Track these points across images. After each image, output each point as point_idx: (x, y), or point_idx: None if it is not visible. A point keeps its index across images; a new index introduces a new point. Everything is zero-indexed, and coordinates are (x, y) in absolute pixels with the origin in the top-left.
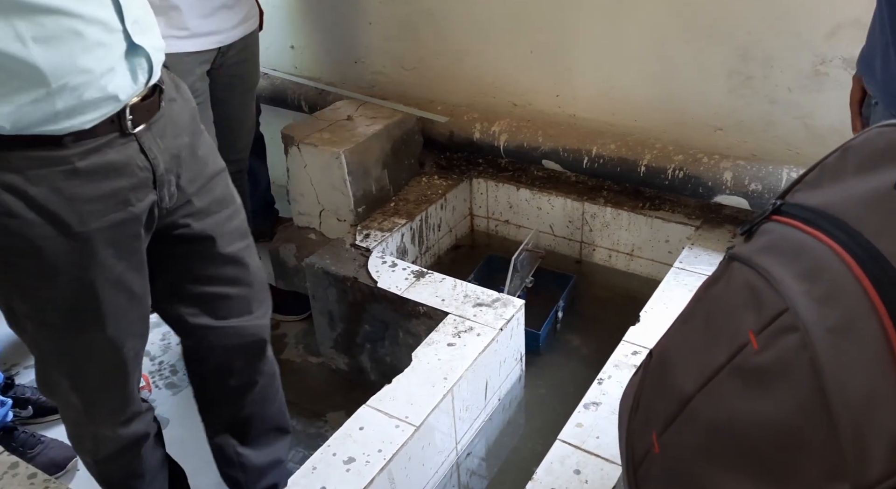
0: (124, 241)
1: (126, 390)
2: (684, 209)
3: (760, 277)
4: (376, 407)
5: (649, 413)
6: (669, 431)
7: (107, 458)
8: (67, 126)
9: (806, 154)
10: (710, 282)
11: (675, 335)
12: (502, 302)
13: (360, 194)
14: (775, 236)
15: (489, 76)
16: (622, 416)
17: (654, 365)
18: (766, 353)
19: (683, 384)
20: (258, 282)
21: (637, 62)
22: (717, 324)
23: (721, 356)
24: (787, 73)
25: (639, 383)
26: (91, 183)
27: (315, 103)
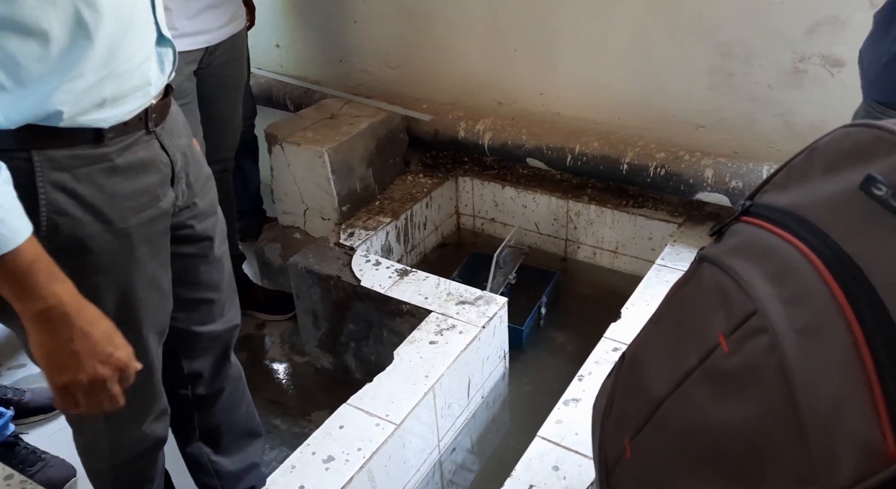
0: (156, 237)
1: (155, 388)
2: (667, 207)
3: (730, 278)
4: (357, 405)
5: (621, 417)
6: (641, 436)
7: (125, 462)
8: (112, 116)
9: (786, 151)
10: (680, 283)
11: (646, 337)
12: (485, 299)
13: (345, 193)
14: (744, 237)
15: (474, 74)
16: (595, 420)
17: (625, 367)
18: (736, 357)
19: (654, 388)
20: (232, 286)
21: (620, 60)
22: (687, 326)
23: (691, 359)
24: (768, 70)
25: (611, 386)
26: (128, 179)
27: (300, 102)
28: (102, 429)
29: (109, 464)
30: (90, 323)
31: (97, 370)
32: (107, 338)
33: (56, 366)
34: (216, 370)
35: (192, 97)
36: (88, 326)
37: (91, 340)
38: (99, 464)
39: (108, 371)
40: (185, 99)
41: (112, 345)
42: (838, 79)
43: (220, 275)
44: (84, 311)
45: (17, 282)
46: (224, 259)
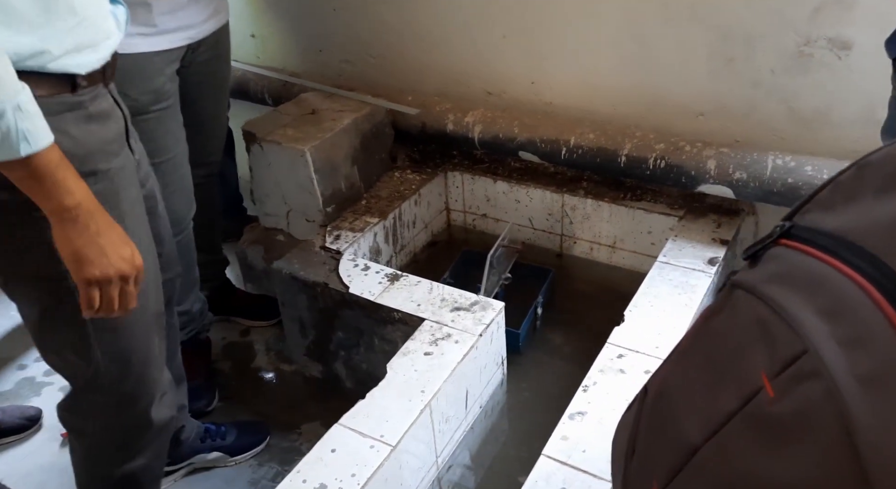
0: (133, 185)
1: (156, 358)
2: (667, 199)
3: (772, 312)
4: (349, 426)
5: (648, 459)
6: (675, 485)
7: (136, 454)
8: (87, 62)
9: (790, 139)
10: (710, 312)
11: (673, 371)
12: (481, 305)
13: (329, 193)
14: (787, 264)
15: (461, 63)
16: (616, 460)
17: (651, 403)
18: (784, 403)
19: (687, 432)
20: (172, 240)
21: (614, 46)
22: (721, 363)
23: (730, 402)
24: (770, 55)
25: (633, 423)
26: (100, 126)
27: (279, 95)
28: (113, 421)
29: (118, 463)
30: (110, 223)
31: (121, 266)
32: (125, 239)
33: (86, 260)
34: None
35: (175, 99)
36: (110, 226)
37: (113, 237)
38: (105, 468)
39: (129, 268)
40: (167, 101)
41: (130, 246)
42: (846, 62)
43: (164, 229)
44: (104, 213)
45: (49, 177)
46: (164, 214)
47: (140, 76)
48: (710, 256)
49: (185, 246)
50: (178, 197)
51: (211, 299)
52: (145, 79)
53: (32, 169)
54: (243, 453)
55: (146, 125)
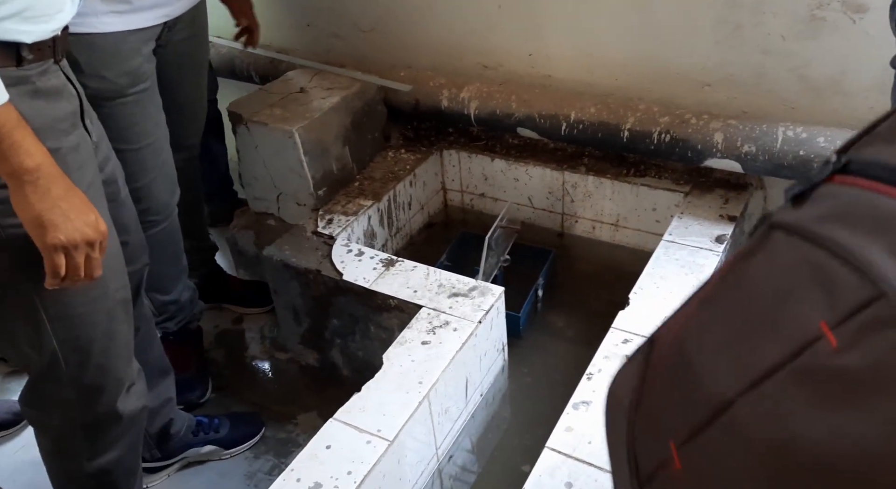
0: (87, 165)
1: (122, 348)
2: (672, 174)
3: (830, 254)
4: (345, 420)
5: (660, 416)
6: (697, 444)
7: (106, 448)
8: (32, 31)
9: (801, 108)
10: (740, 257)
11: (692, 321)
12: (480, 290)
13: (320, 176)
14: (846, 202)
15: (455, 36)
16: (616, 419)
17: (664, 357)
18: (853, 354)
19: (716, 386)
20: (139, 228)
21: (615, 14)
22: (759, 312)
23: (773, 353)
24: (781, 20)
25: (638, 376)
26: (49, 103)
27: (266, 73)
28: (75, 414)
29: (87, 458)
30: (71, 187)
31: (86, 231)
32: (88, 204)
33: (50, 224)
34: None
35: (153, 80)
36: (71, 190)
37: (76, 201)
38: (73, 464)
39: (93, 233)
40: (145, 83)
41: (93, 211)
42: (860, 26)
43: (129, 218)
44: (65, 177)
45: (6, 138)
46: (128, 202)
47: (115, 57)
48: (718, 234)
49: (170, 233)
50: (160, 183)
51: (201, 287)
52: (121, 59)
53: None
54: (238, 446)
55: (124, 109)
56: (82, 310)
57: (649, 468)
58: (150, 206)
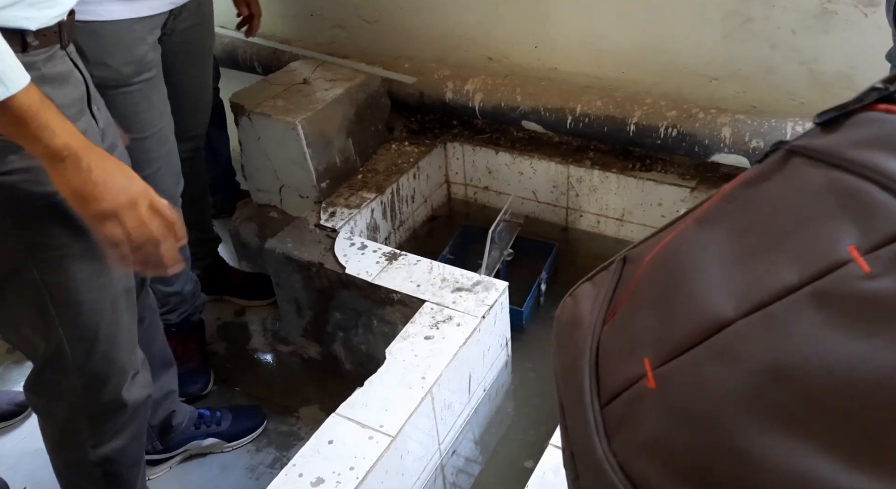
0: None
1: (126, 337)
2: (678, 169)
3: (864, 179)
4: (347, 415)
5: (636, 334)
6: (679, 364)
7: (110, 437)
8: (37, 16)
9: (810, 104)
10: (751, 179)
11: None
12: (483, 285)
13: (323, 168)
14: (887, 129)
15: (460, 28)
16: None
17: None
18: (885, 280)
19: (713, 305)
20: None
21: (623, 7)
22: (772, 234)
23: (788, 275)
24: (791, 13)
25: (608, 294)
26: (56, 89)
27: (269, 64)
28: (79, 401)
29: (91, 446)
30: (105, 157)
31: (131, 189)
32: (123, 167)
33: (90, 196)
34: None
35: (158, 69)
36: (104, 159)
37: (109, 168)
38: (77, 453)
39: (138, 189)
40: (150, 72)
41: (128, 172)
42: (872, 20)
43: None
44: (95, 148)
45: (33, 120)
46: None
47: (121, 45)
48: None
49: None
50: (165, 173)
51: (204, 278)
52: (126, 48)
53: (13, 113)
54: (240, 439)
55: (129, 98)
56: (87, 297)
57: (615, 385)
58: None
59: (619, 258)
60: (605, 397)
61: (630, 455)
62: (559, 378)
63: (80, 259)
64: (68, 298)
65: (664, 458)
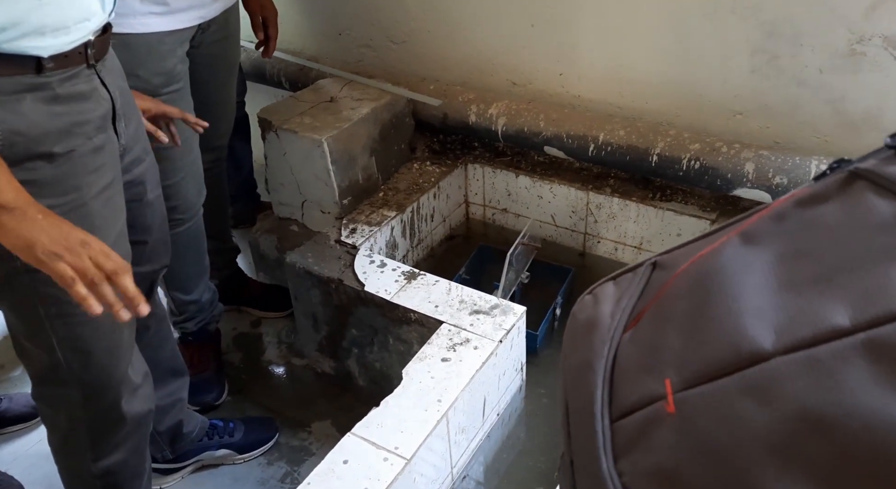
0: (104, 169)
1: (125, 349)
2: (698, 200)
3: None
4: (362, 436)
5: (661, 350)
6: (705, 392)
7: (111, 449)
8: (52, 45)
9: (835, 142)
10: (806, 198)
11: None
12: (501, 309)
13: (346, 185)
14: None
15: (486, 52)
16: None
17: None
18: None
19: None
20: (164, 230)
21: (649, 38)
22: (827, 265)
23: (841, 316)
24: (819, 53)
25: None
26: (69, 107)
27: (296, 80)
28: (80, 414)
29: (92, 459)
30: (46, 212)
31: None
32: (63, 221)
33: (32, 241)
34: None
35: (186, 81)
36: (47, 213)
37: (54, 220)
38: (79, 464)
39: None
40: (178, 83)
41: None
42: None
43: (153, 218)
44: (37, 205)
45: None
46: (157, 203)
47: (151, 57)
48: None
49: (195, 233)
50: (188, 183)
51: (222, 288)
52: (157, 59)
53: None
54: (252, 451)
55: None
56: (80, 309)
57: (630, 402)
58: (177, 205)
59: (649, 262)
60: (616, 412)
61: (637, 479)
62: (568, 378)
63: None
64: (62, 311)
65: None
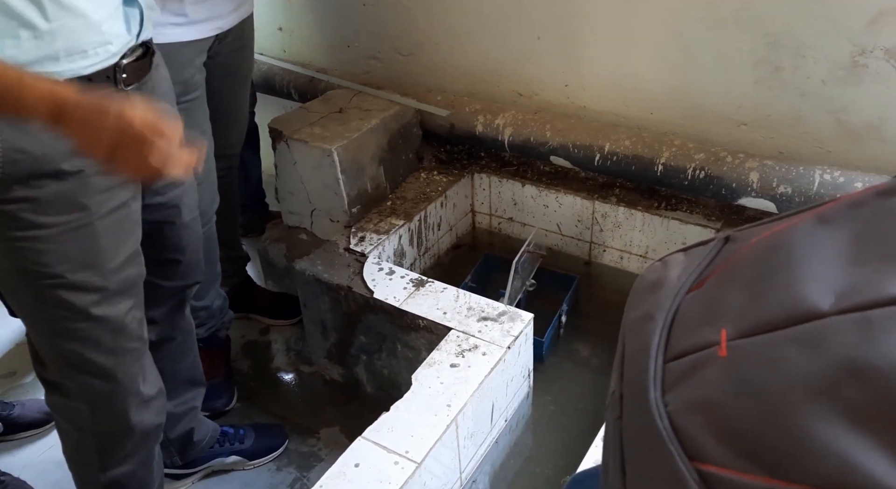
0: (123, 190)
1: (129, 366)
2: (703, 209)
3: None
4: (373, 440)
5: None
6: (758, 340)
7: (118, 462)
8: (68, 69)
9: (838, 153)
10: (886, 190)
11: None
12: (509, 315)
13: (355, 194)
14: None
15: (492, 64)
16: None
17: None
18: None
19: (810, 296)
20: (198, 249)
21: (654, 50)
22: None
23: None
24: (821, 64)
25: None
26: None
27: (305, 91)
28: (88, 425)
29: (99, 469)
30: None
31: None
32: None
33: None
34: (170, 319)
35: (202, 90)
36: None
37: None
38: (88, 472)
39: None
40: (195, 92)
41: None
42: None
43: (188, 239)
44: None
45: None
46: (193, 224)
47: (170, 66)
48: None
49: (208, 240)
50: (203, 190)
51: (231, 297)
52: (175, 69)
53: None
54: (262, 457)
55: None
56: (81, 325)
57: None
58: None
59: (721, 236)
60: (671, 354)
61: (681, 408)
62: (627, 328)
63: (74, 290)
64: (62, 326)
65: (715, 419)
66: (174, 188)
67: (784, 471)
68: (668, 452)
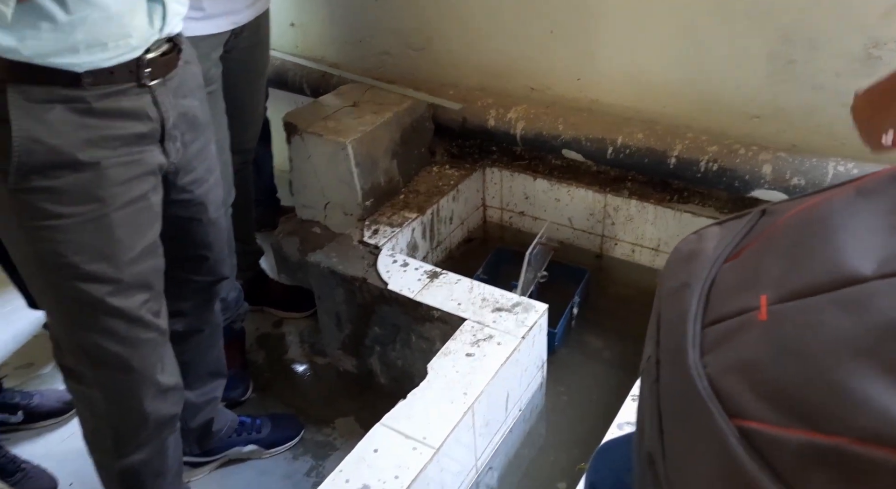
0: (135, 182)
1: (147, 358)
2: (715, 202)
3: None
4: (391, 426)
5: (761, 272)
6: (798, 305)
7: (133, 449)
8: (87, 61)
9: (851, 145)
10: None
11: (843, 201)
12: (523, 306)
13: (368, 187)
14: None
15: (505, 58)
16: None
17: (786, 222)
18: None
19: (851, 261)
20: (228, 246)
21: (666, 43)
22: None
23: None
24: (835, 57)
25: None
26: (103, 122)
27: (318, 86)
28: (103, 412)
29: (115, 456)
30: None
31: None
32: None
33: None
34: (198, 312)
35: (219, 85)
36: None
37: None
38: (104, 458)
39: None
40: (212, 86)
41: None
42: None
43: (215, 236)
44: None
45: None
46: (220, 220)
47: None
48: None
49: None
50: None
51: (245, 290)
52: None
53: None
54: (278, 447)
55: None
56: (95, 315)
57: (723, 312)
58: None
59: (758, 210)
60: (709, 319)
61: (721, 369)
62: (663, 296)
63: (88, 281)
64: (77, 315)
65: (756, 380)
66: (201, 185)
67: (826, 424)
68: (707, 411)
